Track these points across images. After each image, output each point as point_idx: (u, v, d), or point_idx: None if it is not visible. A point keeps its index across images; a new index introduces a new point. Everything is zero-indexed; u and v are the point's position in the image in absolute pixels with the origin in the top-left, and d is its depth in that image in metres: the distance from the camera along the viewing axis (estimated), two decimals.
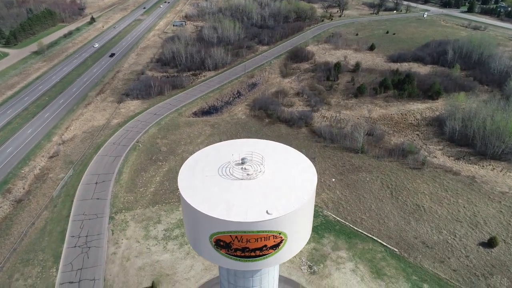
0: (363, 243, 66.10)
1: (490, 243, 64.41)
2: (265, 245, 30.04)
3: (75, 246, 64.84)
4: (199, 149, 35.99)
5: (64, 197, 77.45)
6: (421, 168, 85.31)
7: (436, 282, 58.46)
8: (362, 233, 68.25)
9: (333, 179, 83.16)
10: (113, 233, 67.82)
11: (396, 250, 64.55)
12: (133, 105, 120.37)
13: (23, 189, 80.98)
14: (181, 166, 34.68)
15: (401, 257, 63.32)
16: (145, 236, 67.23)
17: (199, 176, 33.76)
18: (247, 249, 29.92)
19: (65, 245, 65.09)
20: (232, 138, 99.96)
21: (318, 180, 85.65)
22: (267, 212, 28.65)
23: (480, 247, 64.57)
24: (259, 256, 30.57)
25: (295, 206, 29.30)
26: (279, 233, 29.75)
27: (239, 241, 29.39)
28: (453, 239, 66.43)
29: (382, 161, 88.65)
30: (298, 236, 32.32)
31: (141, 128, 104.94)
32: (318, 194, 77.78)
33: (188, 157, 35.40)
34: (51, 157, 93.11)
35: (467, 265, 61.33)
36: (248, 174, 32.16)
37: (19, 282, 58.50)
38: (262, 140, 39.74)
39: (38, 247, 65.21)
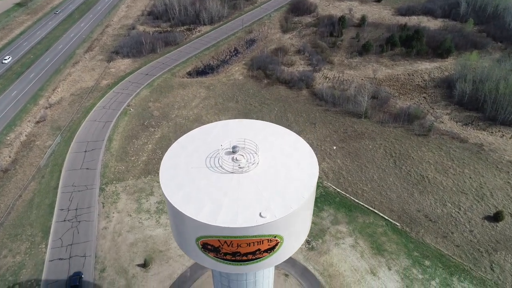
0: (364, 217, 63.67)
1: (496, 217, 61.85)
2: (259, 249, 26.68)
3: (64, 220, 62.46)
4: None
5: (52, 167, 74.04)
6: (427, 135, 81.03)
7: (438, 258, 56.63)
8: (363, 205, 65.65)
9: (334, 147, 79.27)
10: (103, 206, 65.21)
11: (398, 224, 62.23)
12: (123, 64, 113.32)
13: (9, 157, 77.37)
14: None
15: (402, 231, 61.15)
16: (137, 209, 64.67)
17: (184, 167, 29.74)
18: (238, 254, 26.62)
19: (54, 219, 62.69)
20: (228, 102, 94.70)
21: (318, 147, 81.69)
22: (260, 215, 24.92)
23: (485, 221, 62.15)
24: (252, 260, 27.31)
25: (293, 207, 25.52)
26: (275, 237, 26.24)
27: (228, 246, 25.98)
28: (458, 212, 63.90)
29: (386, 127, 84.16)
30: (296, 236, 28.96)
31: (132, 90, 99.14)
32: (318, 163, 74.16)
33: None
34: (37, 122, 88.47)
35: (470, 241, 59.24)
36: (239, 167, 28.04)
37: (7, 259, 56.67)
38: (257, 121, 35.27)
39: (26, 221, 62.83)
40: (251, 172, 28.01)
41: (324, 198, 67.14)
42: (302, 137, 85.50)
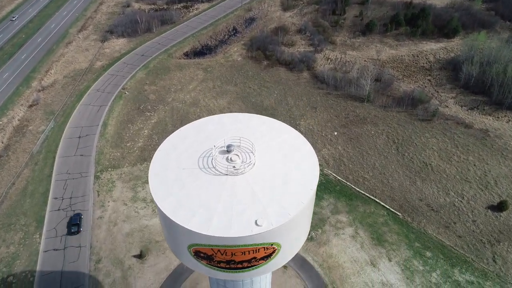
0: (365, 206, 62.32)
1: (500, 207, 60.43)
2: (254, 257, 25.09)
3: (58, 209, 61.15)
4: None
5: (45, 153, 72.16)
6: (431, 120, 78.64)
7: (439, 249, 55.60)
8: (364, 194, 64.18)
9: (335, 133, 77.12)
10: (98, 195, 63.75)
11: (399, 214, 60.94)
12: (118, 44, 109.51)
13: (2, 143, 75.38)
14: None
15: (404, 221, 59.91)
16: (132, 198, 63.25)
17: (174, 168, 27.81)
18: (233, 262, 25.06)
19: (48, 208, 61.38)
20: (227, 84, 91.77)
21: (319, 133, 79.41)
22: (256, 223, 23.13)
23: (489, 210, 60.78)
24: (247, 267, 25.81)
25: (291, 214, 23.71)
26: (271, 245, 24.60)
27: (222, 254, 24.38)
28: (461, 201, 62.46)
29: (389, 112, 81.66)
30: (295, 242, 27.39)
31: (127, 72, 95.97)
32: (318, 149, 72.48)
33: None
34: (30, 106, 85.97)
35: (473, 231, 58.06)
36: (234, 168, 26.08)
37: (1, 249, 55.67)
38: (254, 115, 33.04)
39: (19, 210, 61.52)
40: (246, 174, 26.08)
41: (324, 187, 65.64)
42: (303, 122, 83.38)
